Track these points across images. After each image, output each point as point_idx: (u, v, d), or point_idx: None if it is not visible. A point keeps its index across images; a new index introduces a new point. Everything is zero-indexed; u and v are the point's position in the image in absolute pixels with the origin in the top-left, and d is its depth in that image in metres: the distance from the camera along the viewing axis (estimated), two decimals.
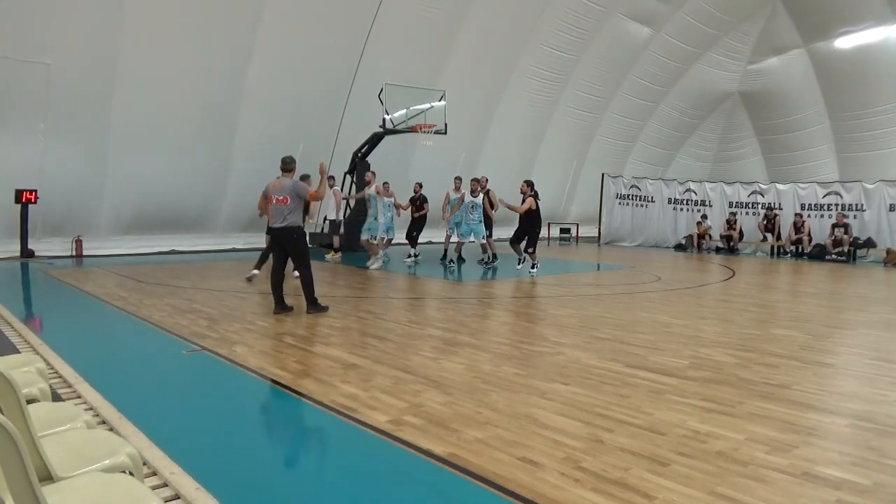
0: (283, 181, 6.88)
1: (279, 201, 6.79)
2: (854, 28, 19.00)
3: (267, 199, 6.96)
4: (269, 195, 6.91)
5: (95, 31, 11.34)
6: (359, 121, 14.63)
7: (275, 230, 6.91)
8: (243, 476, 2.91)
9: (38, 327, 6.16)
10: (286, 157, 7.07)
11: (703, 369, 4.80)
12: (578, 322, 6.74)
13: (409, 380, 4.42)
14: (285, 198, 6.78)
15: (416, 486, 2.85)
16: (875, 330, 6.72)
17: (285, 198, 6.78)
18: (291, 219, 6.81)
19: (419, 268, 11.97)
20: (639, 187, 19.37)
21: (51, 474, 2.00)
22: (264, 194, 7.12)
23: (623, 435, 3.38)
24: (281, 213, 6.79)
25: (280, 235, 6.87)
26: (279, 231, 6.84)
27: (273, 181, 7.00)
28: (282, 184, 6.87)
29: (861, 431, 3.52)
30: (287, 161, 7.00)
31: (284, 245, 6.90)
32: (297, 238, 6.87)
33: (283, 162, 7.02)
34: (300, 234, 6.93)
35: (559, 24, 17.70)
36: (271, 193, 6.87)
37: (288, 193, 6.79)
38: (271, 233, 7.11)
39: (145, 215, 13.54)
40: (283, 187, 6.84)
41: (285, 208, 6.78)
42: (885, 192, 15.25)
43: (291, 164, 6.99)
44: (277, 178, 6.95)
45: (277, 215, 6.81)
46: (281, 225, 6.80)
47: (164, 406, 3.91)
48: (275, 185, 6.90)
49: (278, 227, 6.82)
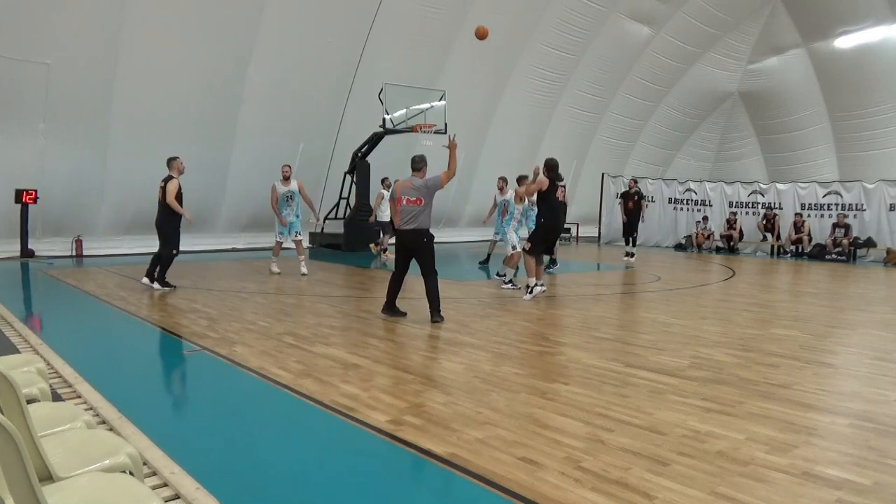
0: (414, 181, 6.54)
1: (411, 202, 6.45)
2: (854, 28, 19.00)
3: (396, 200, 6.60)
4: (397, 196, 6.56)
5: (95, 31, 11.34)
6: (359, 121, 14.64)
7: (404, 232, 6.53)
8: (243, 476, 2.91)
9: (38, 327, 6.16)
10: (416, 155, 6.73)
11: (704, 369, 4.80)
12: (578, 322, 6.74)
13: (409, 380, 4.42)
14: (418, 198, 6.45)
15: (416, 486, 2.84)
16: (875, 330, 6.72)
17: (418, 198, 6.45)
18: (422, 220, 6.47)
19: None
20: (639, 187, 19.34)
21: (51, 474, 2.00)
22: (392, 196, 6.79)
23: (623, 435, 3.38)
24: (412, 214, 6.45)
25: (410, 238, 6.52)
26: (409, 233, 6.49)
27: (402, 181, 6.66)
28: (412, 183, 6.52)
29: (861, 431, 3.52)
30: (417, 160, 6.65)
31: (413, 248, 6.55)
32: (427, 241, 6.51)
33: (413, 162, 6.67)
34: (430, 237, 6.57)
35: (559, 23, 17.70)
36: (400, 194, 6.53)
37: (421, 193, 6.46)
38: (400, 235, 6.67)
39: (145, 215, 13.46)
40: (414, 187, 6.50)
41: (417, 209, 6.45)
42: (885, 191, 15.25)
43: (422, 163, 6.63)
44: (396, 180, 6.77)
45: (407, 216, 6.46)
46: (412, 227, 6.45)
47: (164, 406, 3.91)
48: (405, 185, 6.55)
49: (408, 228, 6.47)
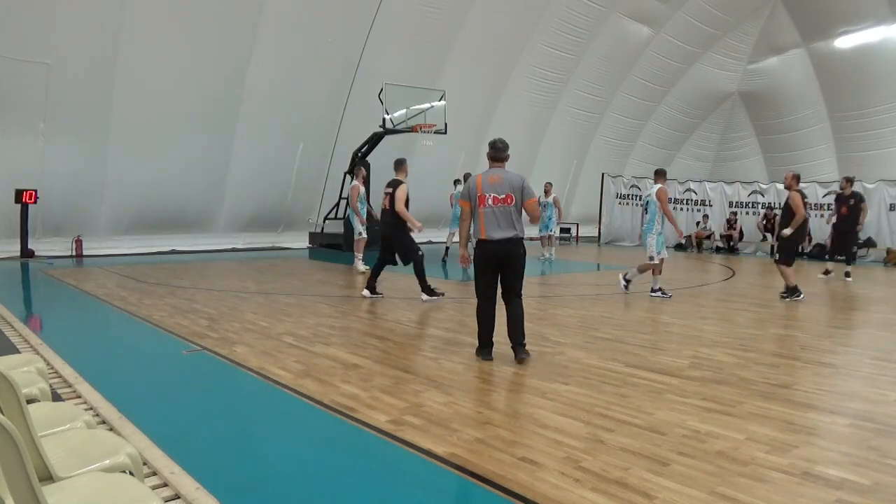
0: (501, 173, 4.94)
1: (499, 201, 4.84)
2: (854, 28, 19.00)
3: (474, 199, 4.95)
4: (478, 194, 4.91)
5: (95, 31, 11.34)
6: (359, 121, 14.64)
7: (493, 243, 4.86)
8: (243, 476, 2.91)
9: (38, 327, 6.16)
10: (499, 140, 5.01)
11: (704, 369, 4.80)
12: (578, 322, 6.73)
13: (409, 380, 4.42)
14: (508, 196, 4.83)
15: (416, 486, 2.84)
16: (875, 330, 6.72)
17: (508, 196, 4.83)
18: (520, 226, 4.92)
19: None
20: (639, 187, 19.37)
21: (51, 474, 2.00)
22: (467, 194, 5.03)
23: (623, 435, 3.38)
24: (503, 218, 4.84)
25: (502, 250, 4.86)
26: (502, 244, 4.84)
27: (482, 174, 5.01)
28: (500, 177, 4.90)
29: (861, 431, 3.52)
30: (500, 146, 5.00)
31: (507, 263, 4.89)
32: (523, 253, 4.96)
33: (493, 148, 5.01)
34: (525, 249, 5.00)
35: (559, 23, 17.70)
36: (482, 191, 4.88)
37: (513, 190, 4.85)
38: (486, 247, 4.91)
39: (145, 215, 13.54)
40: (503, 182, 4.88)
41: (511, 211, 4.85)
42: (885, 191, 15.26)
43: (506, 151, 5.03)
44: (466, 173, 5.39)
45: (497, 221, 4.84)
46: (505, 235, 4.83)
47: (164, 406, 3.91)
48: (488, 180, 4.90)
49: (501, 237, 4.84)
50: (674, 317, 7.14)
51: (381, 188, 8.46)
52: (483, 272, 4.99)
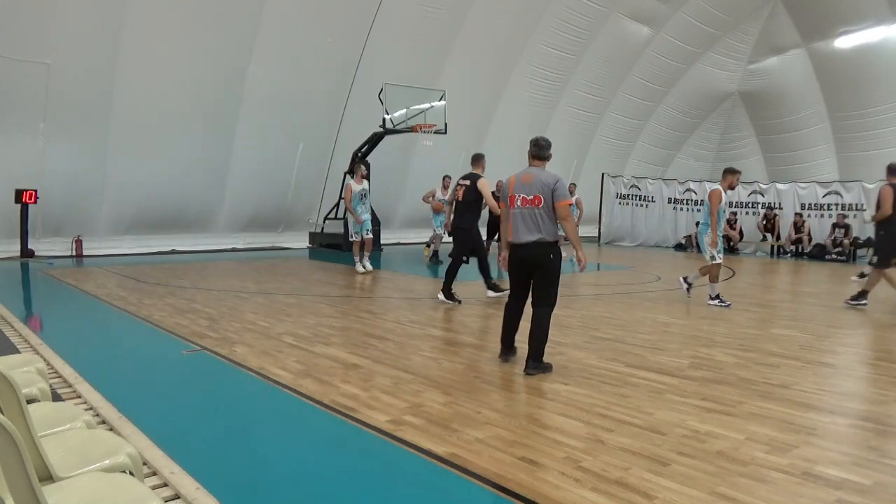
0: (535, 172, 4.72)
1: (528, 202, 4.63)
2: (854, 28, 18.99)
3: (506, 200, 4.83)
4: (509, 194, 4.77)
5: (95, 31, 11.34)
6: (359, 121, 14.63)
7: (520, 247, 4.69)
8: (243, 476, 2.91)
9: (38, 327, 6.16)
10: (541, 138, 4.85)
11: (704, 369, 4.80)
12: (578, 322, 6.74)
13: (409, 380, 4.42)
14: (536, 196, 4.60)
15: (416, 486, 2.84)
16: (875, 330, 6.72)
17: (536, 196, 4.60)
18: (548, 229, 4.62)
19: (420, 267, 11.96)
20: (639, 187, 19.38)
21: (51, 474, 2.00)
22: (500, 193, 4.91)
23: (623, 435, 3.38)
24: (530, 220, 4.63)
25: (530, 254, 4.65)
26: (529, 248, 4.64)
27: (520, 173, 4.81)
28: (532, 176, 4.68)
29: (861, 431, 3.52)
30: (543, 144, 4.81)
31: (536, 267, 4.67)
32: (555, 257, 4.65)
33: (536, 146, 4.81)
34: (558, 254, 4.68)
35: (559, 24, 17.69)
36: (513, 191, 4.73)
37: (542, 191, 4.60)
38: (515, 250, 4.78)
39: (145, 215, 13.54)
40: (534, 181, 4.65)
41: (538, 213, 4.60)
42: None
43: (548, 150, 4.82)
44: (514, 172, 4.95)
45: (524, 223, 4.65)
46: (532, 238, 4.62)
47: (164, 406, 3.91)
48: (521, 180, 4.73)
49: (528, 240, 4.63)
50: (673, 317, 7.14)
51: (381, 188, 8.43)
52: (513, 273, 4.89)
